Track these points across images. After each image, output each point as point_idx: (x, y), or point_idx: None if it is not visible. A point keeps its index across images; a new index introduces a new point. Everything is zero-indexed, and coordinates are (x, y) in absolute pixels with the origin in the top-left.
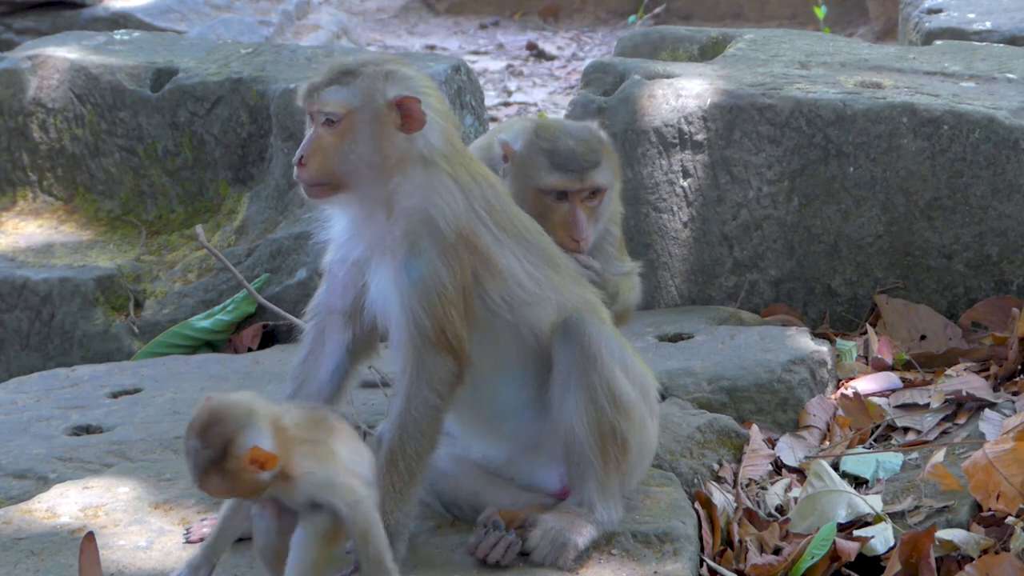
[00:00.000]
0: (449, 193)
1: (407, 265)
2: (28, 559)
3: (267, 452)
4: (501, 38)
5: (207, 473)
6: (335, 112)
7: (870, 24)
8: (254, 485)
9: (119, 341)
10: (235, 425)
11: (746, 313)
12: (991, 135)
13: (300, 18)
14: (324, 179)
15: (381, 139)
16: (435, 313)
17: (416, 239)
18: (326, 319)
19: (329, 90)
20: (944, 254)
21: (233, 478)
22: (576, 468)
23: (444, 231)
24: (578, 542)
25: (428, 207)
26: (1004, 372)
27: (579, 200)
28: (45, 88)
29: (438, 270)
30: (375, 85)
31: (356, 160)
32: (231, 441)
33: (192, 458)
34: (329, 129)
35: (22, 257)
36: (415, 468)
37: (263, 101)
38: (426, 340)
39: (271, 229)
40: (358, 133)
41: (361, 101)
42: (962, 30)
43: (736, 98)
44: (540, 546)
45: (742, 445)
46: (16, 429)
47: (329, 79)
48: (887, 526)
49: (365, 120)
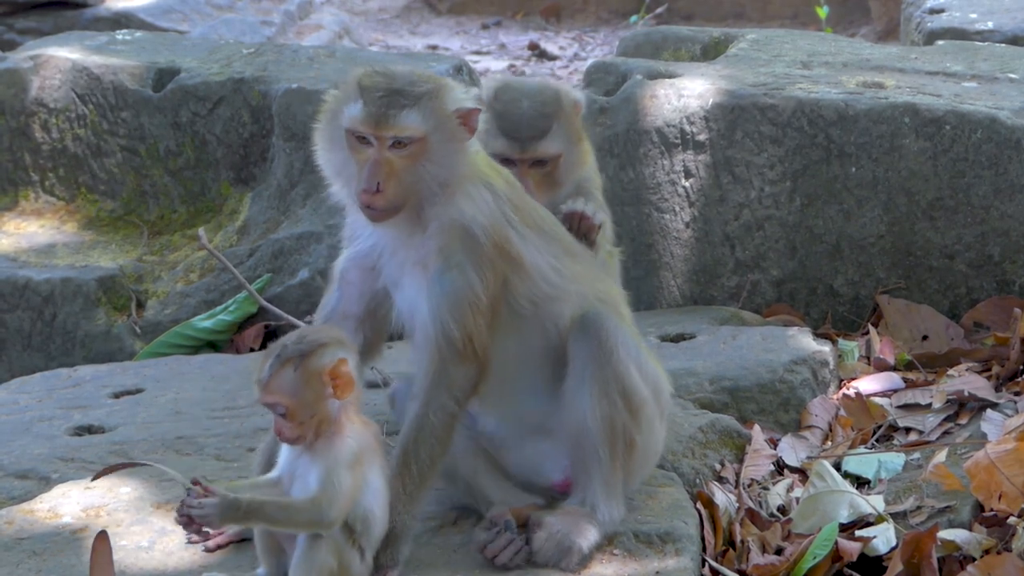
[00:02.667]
0: (484, 202)
1: (441, 277)
2: (30, 559)
3: (351, 374)
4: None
5: (285, 364)
6: (412, 136)
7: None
8: (314, 401)
9: (121, 341)
10: (336, 339)
11: (748, 313)
12: (993, 135)
13: (302, 18)
14: (400, 203)
15: (457, 155)
16: (465, 324)
17: (451, 252)
18: (338, 324)
19: (402, 114)
20: (946, 254)
21: (305, 381)
22: (582, 463)
23: (481, 243)
24: (583, 546)
25: (464, 220)
26: (1006, 372)
27: (525, 168)
28: (47, 88)
29: (472, 282)
30: (442, 103)
31: (431, 180)
32: (327, 346)
33: (277, 350)
34: (399, 152)
35: (24, 257)
36: (427, 472)
37: (265, 101)
38: (452, 350)
39: (273, 229)
40: (433, 152)
41: (435, 121)
42: (964, 30)
43: (738, 98)
44: (544, 548)
45: (744, 445)
46: (18, 429)
47: (396, 102)
48: (889, 526)
49: (439, 139)
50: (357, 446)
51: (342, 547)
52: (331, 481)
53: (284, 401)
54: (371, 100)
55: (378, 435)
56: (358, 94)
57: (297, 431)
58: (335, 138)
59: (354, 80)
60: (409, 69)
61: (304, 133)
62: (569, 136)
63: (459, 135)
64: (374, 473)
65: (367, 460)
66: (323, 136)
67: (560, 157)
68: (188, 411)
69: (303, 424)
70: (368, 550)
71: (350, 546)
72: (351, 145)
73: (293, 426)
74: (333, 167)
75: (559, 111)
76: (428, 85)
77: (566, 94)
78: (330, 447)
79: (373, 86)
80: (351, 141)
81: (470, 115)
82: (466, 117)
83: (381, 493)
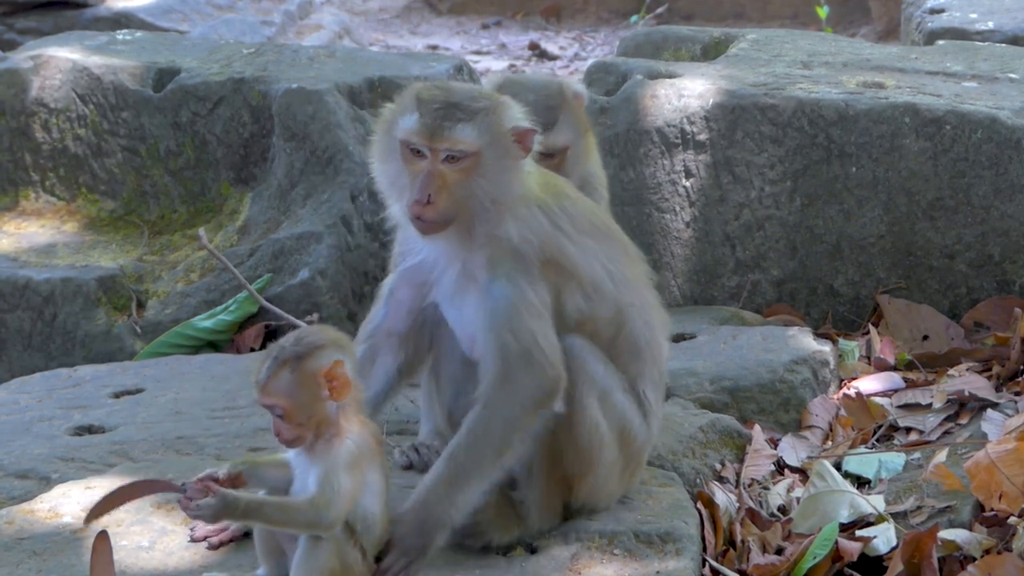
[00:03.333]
0: (535, 221)
1: (491, 287)
2: (30, 559)
3: (347, 375)
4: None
5: (282, 366)
6: (465, 150)
7: (872, 24)
8: (310, 402)
9: (121, 341)
10: (333, 341)
11: (748, 313)
12: (993, 135)
13: (302, 18)
14: (451, 217)
15: (510, 174)
16: (520, 331)
17: (499, 263)
18: (381, 341)
19: (457, 127)
20: (946, 254)
21: (301, 382)
22: (526, 469)
23: (529, 257)
24: (493, 540)
25: (512, 238)
26: (1006, 372)
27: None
28: (47, 88)
29: (523, 290)
30: (499, 120)
31: (482, 196)
32: (323, 347)
33: (274, 352)
34: (452, 166)
35: (24, 257)
36: (470, 471)
37: (265, 101)
38: (513, 358)
39: (273, 229)
40: (486, 169)
41: (490, 137)
42: (964, 30)
43: (738, 98)
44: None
45: (744, 445)
46: (18, 429)
47: (451, 115)
48: (889, 526)
49: (493, 156)
50: (356, 448)
51: (343, 548)
52: (329, 483)
53: (281, 403)
54: (427, 112)
55: (378, 436)
56: (415, 106)
57: (295, 432)
58: (389, 150)
59: (412, 93)
60: (469, 86)
61: (304, 133)
62: (576, 128)
63: (513, 153)
64: (374, 474)
65: (366, 461)
66: (378, 148)
67: (568, 149)
68: (188, 411)
69: (301, 426)
70: (370, 550)
71: (352, 546)
72: (405, 157)
73: (291, 427)
74: (387, 179)
75: (564, 103)
76: (486, 102)
77: (569, 87)
78: (328, 449)
79: (430, 99)
80: (405, 153)
81: (526, 135)
82: (522, 137)
83: (381, 494)
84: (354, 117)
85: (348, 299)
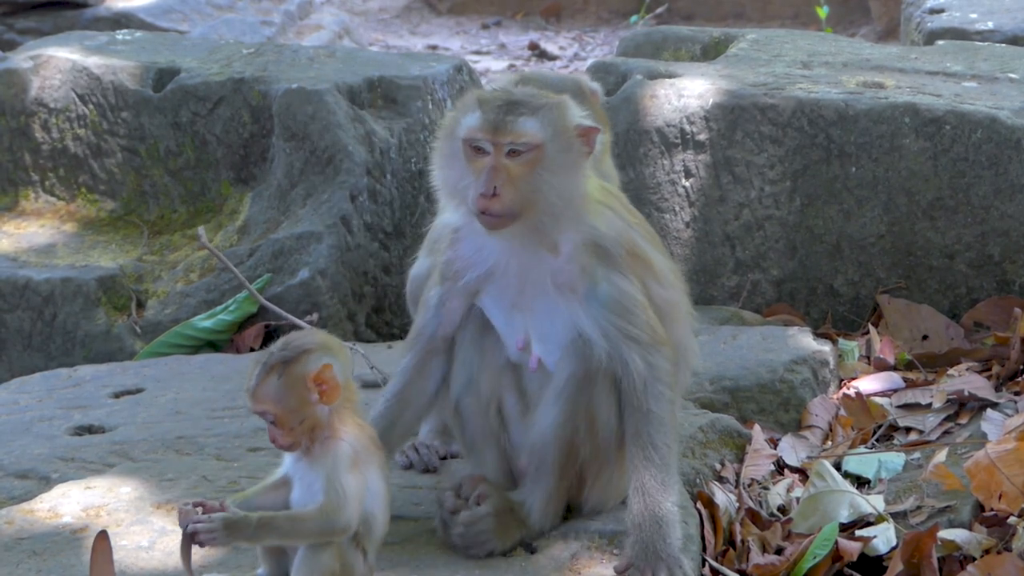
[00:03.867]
0: (606, 218)
1: (594, 293)
2: (30, 559)
3: (336, 379)
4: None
5: (269, 372)
6: (528, 142)
7: (872, 24)
8: (300, 407)
9: (121, 341)
10: (322, 344)
11: (748, 313)
12: (993, 135)
13: (302, 18)
14: (517, 210)
15: (574, 169)
16: (637, 320)
17: (594, 269)
18: (429, 346)
19: (520, 120)
20: (946, 254)
21: (290, 386)
22: (535, 466)
23: (616, 256)
24: (495, 545)
25: (596, 237)
26: (1006, 372)
27: None
28: (47, 88)
29: (624, 287)
30: (562, 116)
31: (548, 190)
32: (310, 352)
33: (263, 359)
34: (516, 160)
35: (24, 257)
36: (668, 457)
37: (265, 101)
38: (644, 346)
39: (273, 229)
40: (550, 162)
41: (552, 131)
42: (964, 30)
43: (738, 98)
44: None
45: (744, 445)
46: (18, 429)
47: (514, 110)
48: (889, 526)
49: (557, 150)
50: (351, 449)
51: (345, 549)
52: (334, 488)
53: (271, 409)
54: (489, 109)
55: (375, 437)
56: (476, 105)
57: (289, 438)
58: (452, 152)
59: (473, 96)
60: (530, 88)
61: (304, 133)
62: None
63: (577, 149)
64: (373, 475)
65: (365, 461)
66: (439, 153)
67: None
68: (188, 411)
69: (294, 431)
70: (371, 551)
71: (353, 548)
72: (468, 156)
73: (284, 433)
74: (449, 184)
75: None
76: (548, 99)
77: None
78: (325, 452)
79: (492, 98)
80: (468, 152)
81: (590, 133)
82: (586, 134)
83: (381, 494)
84: (354, 117)
85: (348, 299)
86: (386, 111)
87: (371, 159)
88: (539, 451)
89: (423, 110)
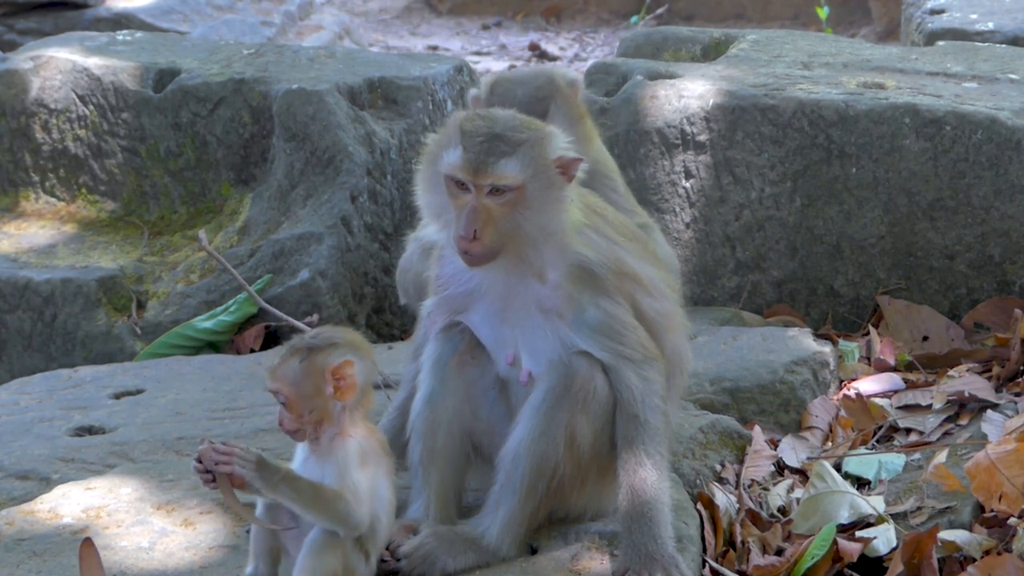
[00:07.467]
0: (591, 242)
1: (582, 318)
2: (31, 560)
3: (355, 378)
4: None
5: (293, 354)
6: (509, 184)
7: (872, 25)
8: (313, 395)
9: (121, 342)
10: (351, 342)
11: (748, 314)
12: (993, 136)
13: (302, 19)
14: (497, 249)
15: (555, 204)
16: (627, 338)
17: (580, 294)
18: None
19: (501, 162)
20: (946, 255)
21: (308, 373)
22: (500, 484)
23: (602, 278)
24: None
25: (581, 263)
26: (1006, 373)
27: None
28: (47, 89)
29: (611, 309)
30: (542, 151)
31: (529, 226)
32: (337, 346)
33: (293, 342)
34: (497, 199)
35: (24, 258)
36: (659, 464)
37: (265, 102)
38: (637, 363)
39: (273, 230)
40: (531, 201)
41: (533, 169)
42: (964, 31)
43: (738, 99)
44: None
45: (744, 446)
46: (19, 430)
47: (495, 149)
48: (889, 527)
49: (537, 188)
50: (360, 447)
51: (348, 550)
52: (348, 481)
53: (285, 390)
54: (471, 146)
55: (384, 443)
56: (458, 139)
57: (296, 424)
58: (434, 181)
59: (455, 123)
60: (511, 114)
61: (304, 134)
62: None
63: (557, 184)
64: (380, 479)
65: (373, 463)
66: (422, 178)
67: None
68: (188, 412)
69: (302, 418)
70: (374, 553)
71: (356, 549)
72: (450, 190)
73: (292, 418)
74: (432, 210)
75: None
76: (528, 133)
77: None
78: (334, 449)
79: (473, 131)
80: (449, 186)
81: (570, 164)
82: (566, 166)
83: (388, 499)
84: (354, 118)
85: (348, 300)
86: (386, 112)
87: (371, 160)
88: (509, 465)
89: (423, 111)
